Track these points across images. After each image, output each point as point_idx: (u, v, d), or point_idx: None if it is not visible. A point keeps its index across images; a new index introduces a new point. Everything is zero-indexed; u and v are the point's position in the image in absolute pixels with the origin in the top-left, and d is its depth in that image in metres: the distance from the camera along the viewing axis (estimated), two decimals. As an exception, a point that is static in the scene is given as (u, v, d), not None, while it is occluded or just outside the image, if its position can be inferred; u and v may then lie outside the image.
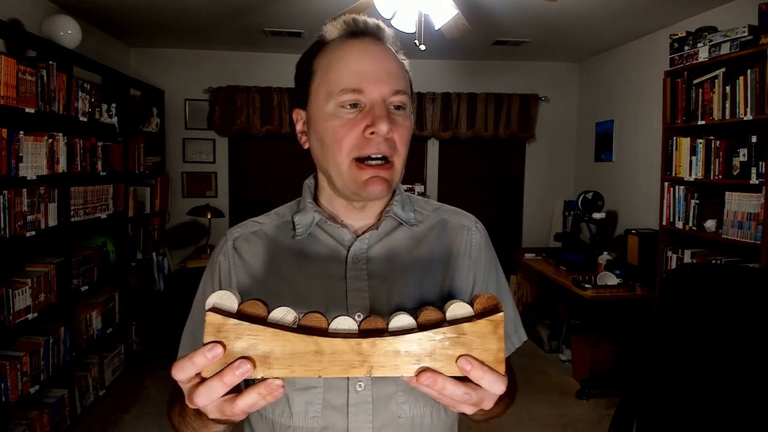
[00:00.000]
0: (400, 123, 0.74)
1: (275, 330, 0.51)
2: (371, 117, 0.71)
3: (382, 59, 0.74)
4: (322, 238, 0.80)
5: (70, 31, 2.95)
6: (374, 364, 0.52)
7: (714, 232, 2.79)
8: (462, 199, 4.77)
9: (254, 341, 0.51)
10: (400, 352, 0.52)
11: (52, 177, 2.67)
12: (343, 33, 0.76)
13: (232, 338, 0.51)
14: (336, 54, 0.74)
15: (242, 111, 4.55)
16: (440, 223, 0.85)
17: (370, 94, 0.71)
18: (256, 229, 0.83)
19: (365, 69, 0.72)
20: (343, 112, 0.72)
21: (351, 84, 0.71)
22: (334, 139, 0.72)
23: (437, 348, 0.53)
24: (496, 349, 0.54)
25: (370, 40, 0.75)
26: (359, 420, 0.73)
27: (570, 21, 3.56)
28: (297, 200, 0.86)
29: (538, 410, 3.14)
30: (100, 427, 2.96)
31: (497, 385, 0.53)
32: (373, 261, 0.78)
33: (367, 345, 0.52)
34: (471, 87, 4.79)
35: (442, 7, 2.40)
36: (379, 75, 0.72)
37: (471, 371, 0.52)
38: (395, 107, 0.73)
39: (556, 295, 4.32)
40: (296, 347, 0.52)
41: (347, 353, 0.52)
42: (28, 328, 2.59)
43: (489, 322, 0.53)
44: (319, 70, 0.75)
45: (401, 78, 0.75)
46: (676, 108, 3.04)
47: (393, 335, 0.53)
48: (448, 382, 0.53)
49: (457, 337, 0.53)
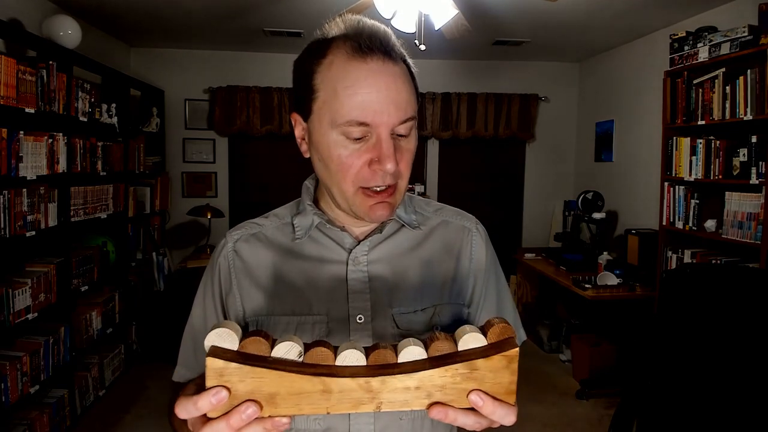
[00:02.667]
0: (406, 148, 0.72)
1: (279, 372, 0.50)
2: (377, 152, 0.68)
3: (390, 87, 0.68)
4: (322, 240, 0.79)
5: (70, 31, 2.95)
6: (384, 401, 0.51)
7: (714, 232, 2.79)
8: (462, 199, 4.77)
9: (259, 384, 0.49)
10: (411, 388, 0.51)
11: (52, 177, 2.67)
12: (349, 48, 0.69)
13: (235, 381, 0.49)
14: (342, 80, 0.68)
15: (242, 111, 4.55)
16: (441, 224, 0.85)
17: (376, 128, 0.68)
18: (256, 231, 0.82)
19: (373, 100, 0.67)
20: (348, 142, 0.69)
21: (357, 117, 0.67)
22: (340, 168, 0.70)
23: (448, 383, 0.52)
24: (509, 382, 0.52)
25: (378, 62, 0.68)
26: (361, 422, 0.73)
27: (570, 21, 3.56)
28: (296, 201, 0.85)
29: (538, 410, 3.14)
30: (100, 427, 2.96)
31: (509, 417, 0.53)
32: (374, 263, 0.78)
33: (377, 383, 0.51)
34: (471, 87, 4.79)
35: (442, 7, 2.40)
36: (386, 107, 0.68)
37: (483, 407, 0.52)
38: (401, 135, 0.71)
39: (556, 295, 4.31)
40: (303, 387, 0.50)
41: (356, 391, 0.51)
42: (28, 328, 2.59)
43: (503, 357, 0.52)
44: (322, 89, 0.70)
45: (410, 103, 0.71)
46: (676, 108, 3.04)
47: (403, 372, 0.51)
48: (459, 413, 0.53)
49: (469, 373, 0.52)
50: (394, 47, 0.71)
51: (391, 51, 0.70)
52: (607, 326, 3.63)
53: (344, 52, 0.69)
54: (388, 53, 0.70)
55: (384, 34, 0.71)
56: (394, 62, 0.70)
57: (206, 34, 4.08)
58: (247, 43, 4.33)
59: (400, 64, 0.71)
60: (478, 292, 0.83)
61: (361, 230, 0.81)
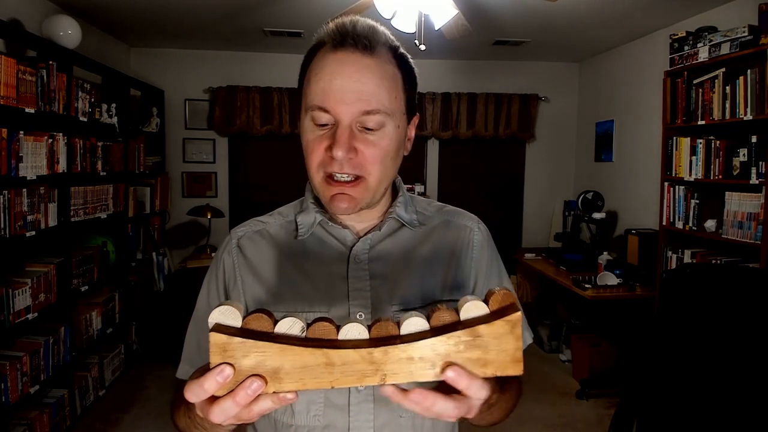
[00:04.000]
0: (372, 142, 0.71)
1: (283, 345, 0.50)
2: (332, 139, 0.69)
3: (352, 75, 0.69)
4: (324, 238, 0.80)
5: (70, 31, 2.95)
6: (387, 372, 0.51)
7: (714, 232, 2.79)
8: (462, 199, 4.77)
9: (262, 358, 0.50)
10: (414, 358, 0.51)
11: (52, 177, 2.67)
12: (331, 41, 0.72)
13: (239, 356, 0.49)
14: (316, 66, 0.72)
15: (242, 111, 4.55)
16: (443, 223, 0.85)
17: (335, 114, 0.69)
18: (260, 228, 0.84)
19: (334, 87, 0.69)
20: (315, 127, 0.71)
21: (317, 101, 0.70)
22: (307, 152, 0.73)
23: (452, 352, 0.51)
24: (514, 349, 0.52)
25: (347, 53, 0.70)
26: (360, 419, 0.73)
27: (570, 21, 3.56)
28: (300, 200, 0.87)
29: (538, 410, 3.14)
30: (100, 427, 2.96)
31: (483, 391, 0.53)
32: (375, 261, 0.79)
33: (380, 354, 0.50)
34: (471, 87, 4.79)
35: (442, 7, 2.40)
36: (345, 95, 0.68)
37: (459, 382, 0.51)
38: (366, 127, 0.70)
39: (556, 295, 4.31)
40: (306, 361, 0.50)
41: (359, 363, 0.50)
42: (28, 328, 2.59)
43: (506, 322, 0.51)
44: (305, 78, 0.75)
45: (376, 95, 0.70)
46: (676, 108, 3.04)
47: (405, 342, 0.51)
48: (438, 398, 0.52)
49: (472, 340, 0.51)
50: (376, 42, 0.71)
51: (369, 44, 0.70)
52: (607, 326, 3.63)
53: (327, 45, 0.72)
54: (365, 46, 0.70)
55: (368, 29, 0.72)
56: (369, 55, 0.70)
57: (206, 34, 4.08)
58: (247, 43, 4.33)
59: (377, 59, 0.71)
60: (479, 290, 0.83)
61: (363, 226, 0.81)
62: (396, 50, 0.75)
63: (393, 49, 0.75)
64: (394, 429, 0.74)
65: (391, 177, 0.77)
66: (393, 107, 0.72)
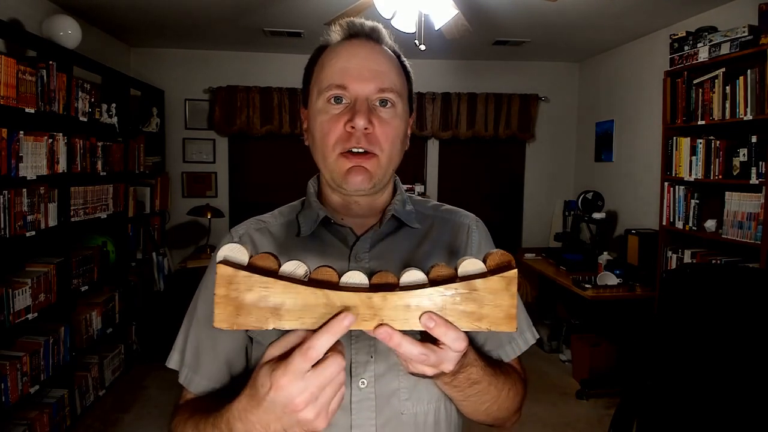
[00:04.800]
0: (385, 120, 0.75)
1: (286, 283, 0.52)
2: (352, 112, 0.73)
3: (368, 57, 0.76)
4: (325, 237, 0.81)
5: (70, 31, 2.95)
6: (384, 318, 0.52)
7: (714, 232, 2.79)
8: (462, 199, 4.77)
9: (265, 293, 0.51)
10: (411, 306, 0.53)
11: (52, 177, 2.67)
12: (340, 37, 0.79)
13: (243, 290, 0.51)
14: (329, 55, 0.78)
15: (242, 111, 4.55)
16: (441, 222, 0.86)
17: (353, 90, 0.74)
18: (260, 227, 0.84)
19: (350, 66, 0.75)
20: (329, 107, 0.75)
21: (335, 80, 0.74)
22: (322, 134, 0.76)
23: (448, 303, 0.53)
24: (508, 305, 0.53)
25: (362, 41, 0.78)
26: (362, 417, 0.73)
27: (570, 21, 3.56)
28: (301, 200, 0.88)
29: (538, 410, 3.14)
30: (100, 427, 2.96)
31: (458, 342, 0.54)
32: (376, 260, 0.79)
33: (378, 299, 0.52)
34: (471, 87, 4.79)
35: (442, 7, 2.40)
36: (362, 72, 0.74)
37: (434, 328, 0.52)
38: (381, 103, 0.75)
39: (556, 295, 4.31)
40: (307, 300, 0.52)
41: (358, 307, 0.52)
42: (28, 328, 2.59)
43: (501, 278, 0.53)
44: (315, 70, 0.80)
45: (389, 76, 0.76)
46: (676, 108, 3.04)
47: (404, 290, 0.53)
48: (405, 339, 0.53)
49: (468, 293, 0.53)
50: (384, 37, 0.80)
51: (378, 37, 0.79)
52: (607, 326, 3.63)
53: (336, 38, 0.80)
54: (376, 38, 0.79)
55: (375, 25, 0.79)
56: (380, 45, 0.79)
57: (206, 34, 4.08)
58: (247, 43, 4.33)
59: (386, 49, 0.79)
60: None
61: (362, 225, 0.82)
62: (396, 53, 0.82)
63: (394, 51, 0.82)
64: (395, 427, 0.74)
65: (397, 162, 0.80)
66: (402, 91, 0.78)
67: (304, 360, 0.50)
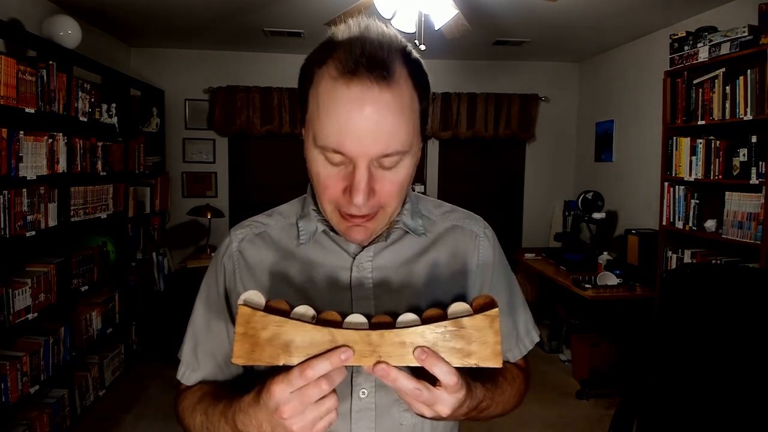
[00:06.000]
0: (390, 180, 0.67)
1: (296, 322, 0.59)
2: (350, 181, 0.65)
3: (371, 117, 0.62)
4: (327, 245, 0.78)
5: (70, 31, 2.95)
6: (382, 354, 0.58)
7: (714, 232, 2.79)
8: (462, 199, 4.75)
9: (278, 331, 0.58)
10: (406, 343, 0.58)
11: (52, 177, 2.66)
12: (338, 65, 0.63)
13: (259, 328, 0.58)
14: (323, 100, 0.64)
15: (242, 111, 4.55)
16: (448, 229, 0.83)
17: (353, 157, 0.64)
18: (261, 231, 0.81)
19: (350, 129, 0.62)
20: (326, 163, 0.67)
21: (331, 143, 0.64)
22: (318, 185, 0.69)
23: (439, 340, 0.59)
24: (494, 342, 0.59)
25: (363, 87, 0.62)
26: (362, 426, 0.73)
27: (570, 21, 3.56)
28: (302, 199, 0.84)
29: (538, 410, 3.14)
30: (100, 427, 2.95)
31: (449, 377, 0.58)
32: (379, 269, 0.77)
33: (376, 336, 0.58)
34: (471, 87, 4.79)
35: (442, 7, 2.40)
36: (363, 138, 0.63)
37: (426, 360, 0.58)
38: (385, 167, 0.66)
39: (556, 295, 4.31)
40: (314, 338, 0.58)
41: (359, 343, 0.58)
42: (28, 328, 2.59)
43: (485, 316, 0.59)
44: (310, 104, 0.67)
45: (396, 135, 0.64)
46: (676, 108, 3.04)
47: (399, 328, 0.59)
48: (400, 374, 0.58)
49: (457, 330, 0.59)
50: (391, 62, 0.64)
51: (386, 71, 0.63)
52: (607, 326, 3.63)
53: (333, 69, 0.64)
54: (381, 75, 0.62)
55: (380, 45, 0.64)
56: (387, 86, 0.63)
57: (206, 34, 4.08)
58: (247, 43, 4.33)
59: (395, 88, 0.64)
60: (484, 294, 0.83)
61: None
62: (408, 57, 0.69)
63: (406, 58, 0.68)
64: None
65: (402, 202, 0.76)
66: (411, 141, 0.67)
67: (299, 376, 0.56)
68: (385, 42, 0.65)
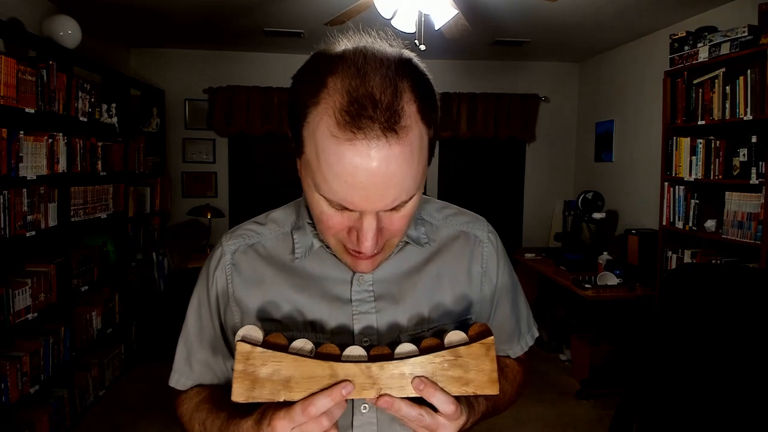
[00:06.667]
0: (398, 217, 0.63)
1: (295, 357, 0.59)
2: (356, 225, 0.62)
3: (379, 173, 0.56)
4: (325, 258, 0.75)
5: (70, 31, 2.95)
6: (383, 386, 0.59)
7: (714, 232, 2.79)
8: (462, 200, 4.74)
9: (278, 367, 0.58)
10: (405, 374, 0.59)
11: (52, 177, 2.66)
12: (337, 112, 0.55)
13: (258, 365, 0.58)
14: (324, 153, 0.57)
15: (242, 111, 4.55)
16: (451, 237, 0.81)
17: (360, 208, 0.60)
18: (254, 242, 0.78)
19: (357, 184, 0.57)
20: (329, 207, 0.62)
21: (337, 199, 0.59)
22: (320, 223, 0.65)
23: (437, 370, 0.60)
24: (490, 370, 0.60)
25: (368, 144, 0.55)
26: None
27: (570, 21, 3.56)
28: (297, 204, 0.80)
29: (538, 410, 3.14)
30: (100, 427, 2.95)
31: (448, 405, 0.59)
32: (380, 282, 0.74)
33: (376, 369, 0.59)
34: (471, 87, 4.79)
35: (442, 7, 2.40)
36: (370, 194, 0.58)
37: (424, 390, 0.59)
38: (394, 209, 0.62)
39: (556, 295, 4.31)
40: (314, 372, 0.58)
41: (359, 376, 0.58)
42: (28, 328, 2.59)
43: (482, 345, 0.60)
44: (307, 145, 0.60)
45: (406, 186, 0.59)
46: (676, 108, 3.04)
47: (398, 359, 0.60)
48: (404, 404, 0.59)
49: (454, 359, 0.60)
50: (401, 108, 0.56)
51: (395, 118, 0.55)
52: (607, 326, 3.63)
53: (331, 119, 0.56)
54: (390, 126, 0.55)
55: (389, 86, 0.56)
56: (396, 137, 0.56)
57: (206, 34, 4.08)
58: (247, 43, 4.33)
59: (404, 136, 0.56)
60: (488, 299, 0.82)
61: None
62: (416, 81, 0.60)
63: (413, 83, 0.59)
64: None
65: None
66: (420, 181, 0.62)
67: (302, 413, 0.56)
68: (390, 74, 0.57)
